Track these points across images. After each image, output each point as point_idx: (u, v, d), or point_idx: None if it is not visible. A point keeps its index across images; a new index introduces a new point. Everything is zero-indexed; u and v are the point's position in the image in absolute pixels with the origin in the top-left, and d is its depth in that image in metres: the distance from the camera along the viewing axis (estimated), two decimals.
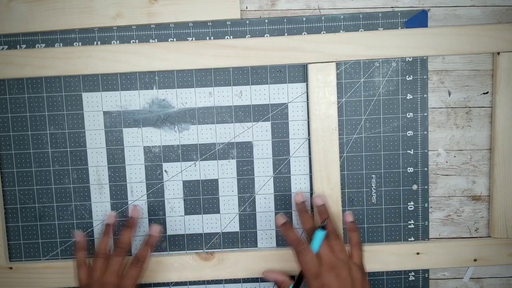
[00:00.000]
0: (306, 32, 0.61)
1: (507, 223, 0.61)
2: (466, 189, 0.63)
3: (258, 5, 0.61)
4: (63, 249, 0.63)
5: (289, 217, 0.63)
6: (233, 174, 0.62)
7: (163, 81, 0.61)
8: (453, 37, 0.59)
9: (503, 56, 0.59)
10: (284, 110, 0.62)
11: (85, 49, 0.60)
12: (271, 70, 0.61)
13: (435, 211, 0.63)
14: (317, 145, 0.60)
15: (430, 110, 0.62)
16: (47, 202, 0.62)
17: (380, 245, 0.62)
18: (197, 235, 0.63)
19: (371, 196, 0.63)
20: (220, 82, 0.61)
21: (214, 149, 0.62)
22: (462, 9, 0.61)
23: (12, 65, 0.60)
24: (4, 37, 0.60)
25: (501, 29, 0.59)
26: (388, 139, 0.62)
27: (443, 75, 0.62)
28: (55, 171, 0.62)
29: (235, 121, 0.62)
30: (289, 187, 0.63)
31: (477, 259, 0.62)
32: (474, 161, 0.63)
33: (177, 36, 0.61)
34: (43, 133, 0.62)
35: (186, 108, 0.62)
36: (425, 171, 0.62)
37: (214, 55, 0.60)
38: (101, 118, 0.62)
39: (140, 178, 0.62)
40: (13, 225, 0.63)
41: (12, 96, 0.61)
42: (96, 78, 0.61)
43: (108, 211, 0.63)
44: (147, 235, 0.60)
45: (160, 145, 0.62)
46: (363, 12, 0.61)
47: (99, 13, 0.60)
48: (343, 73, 0.61)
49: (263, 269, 0.62)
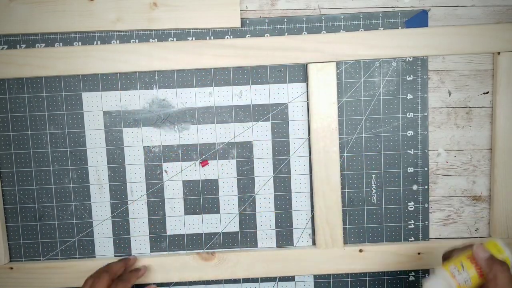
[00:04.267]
0: (306, 32, 0.61)
1: (507, 223, 0.61)
2: (467, 189, 0.63)
3: (258, 5, 0.61)
4: (63, 249, 0.63)
5: (289, 217, 0.63)
6: (233, 174, 0.62)
7: (163, 81, 0.61)
8: (453, 37, 0.59)
9: (503, 56, 0.59)
10: (284, 110, 0.62)
11: (85, 49, 0.60)
12: (271, 70, 0.61)
13: (436, 211, 0.63)
14: (317, 145, 0.60)
15: (430, 110, 0.62)
16: (47, 202, 0.62)
17: (381, 245, 0.62)
18: (197, 235, 0.63)
19: (371, 196, 0.62)
20: (220, 82, 0.61)
21: (214, 149, 0.62)
22: (462, 9, 0.61)
23: (12, 65, 0.60)
24: (4, 37, 0.60)
25: (501, 29, 0.59)
26: (388, 139, 0.62)
27: (444, 75, 0.62)
28: (55, 171, 0.62)
29: (235, 121, 0.62)
30: (289, 187, 0.62)
31: None
32: (475, 161, 0.62)
33: (177, 36, 0.61)
34: (43, 133, 0.62)
35: (186, 108, 0.62)
36: (425, 171, 0.62)
37: (214, 55, 0.59)
38: (101, 118, 0.62)
39: (140, 178, 0.62)
40: (13, 225, 0.63)
41: (12, 96, 0.61)
42: (96, 78, 0.61)
43: (108, 211, 0.62)
44: (140, 268, 0.60)
45: (160, 145, 0.62)
46: (363, 12, 0.61)
47: (99, 17, 0.59)
48: (343, 73, 0.61)
49: (263, 269, 0.62)
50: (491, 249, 0.50)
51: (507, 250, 0.49)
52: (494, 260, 0.48)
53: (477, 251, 0.49)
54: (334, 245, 0.61)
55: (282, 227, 0.63)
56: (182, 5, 0.59)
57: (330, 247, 0.61)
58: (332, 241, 0.61)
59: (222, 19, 0.59)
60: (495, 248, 0.50)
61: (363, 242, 0.63)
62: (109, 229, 0.63)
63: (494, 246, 0.50)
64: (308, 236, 0.63)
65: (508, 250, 0.49)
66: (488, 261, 0.48)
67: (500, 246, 0.50)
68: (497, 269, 0.47)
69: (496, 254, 0.49)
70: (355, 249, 0.62)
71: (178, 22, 0.60)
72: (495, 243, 0.50)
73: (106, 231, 0.63)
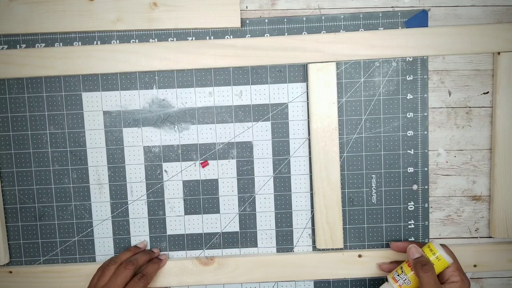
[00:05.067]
0: (306, 31, 0.61)
1: (507, 223, 0.61)
2: (466, 189, 0.63)
3: (258, 5, 0.61)
4: (63, 249, 0.63)
5: (289, 217, 0.63)
6: (233, 174, 0.62)
7: (163, 81, 0.61)
8: (453, 37, 0.59)
9: (503, 56, 0.59)
10: (284, 110, 0.62)
11: (85, 49, 0.60)
12: (271, 70, 0.61)
13: (435, 211, 0.63)
14: (317, 145, 0.60)
15: (430, 110, 0.62)
16: (46, 202, 0.62)
17: (380, 251, 0.62)
18: (197, 235, 0.63)
19: (371, 196, 0.62)
20: (220, 82, 0.61)
21: (214, 149, 0.62)
22: (463, 9, 0.61)
23: (12, 65, 0.60)
24: (4, 37, 0.60)
25: (501, 29, 0.59)
26: (388, 139, 0.62)
27: (444, 75, 0.62)
28: (55, 171, 0.62)
29: (235, 121, 0.62)
30: (289, 187, 0.62)
31: (477, 265, 0.62)
32: (475, 161, 0.62)
33: (177, 36, 0.61)
34: (43, 133, 0.62)
35: (186, 108, 0.62)
36: (425, 171, 0.62)
37: (214, 55, 0.59)
38: (101, 118, 0.62)
39: (140, 178, 0.62)
40: (13, 225, 0.63)
41: (12, 96, 0.61)
42: (96, 77, 0.61)
43: (108, 211, 0.62)
44: (161, 256, 0.62)
45: (160, 145, 0.62)
46: (363, 11, 0.61)
47: (99, 16, 0.59)
48: (343, 73, 0.61)
49: (262, 274, 0.62)
50: (426, 251, 0.55)
51: (440, 250, 0.55)
52: (418, 261, 0.54)
53: (408, 253, 0.56)
54: (334, 245, 0.61)
55: (282, 227, 0.63)
56: (182, 5, 0.59)
57: (330, 247, 0.61)
58: (332, 241, 0.61)
59: (222, 19, 0.59)
60: (428, 248, 0.55)
61: (363, 242, 0.63)
62: (109, 229, 0.63)
63: (428, 247, 0.56)
64: (308, 236, 0.63)
65: (442, 250, 0.55)
66: (414, 263, 0.54)
67: (433, 246, 0.55)
68: (419, 270, 0.53)
69: (429, 254, 0.55)
70: (354, 254, 0.62)
71: (178, 22, 0.60)
72: (430, 244, 0.56)
73: (106, 231, 0.63)
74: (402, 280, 0.56)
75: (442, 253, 0.54)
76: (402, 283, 0.56)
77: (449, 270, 0.55)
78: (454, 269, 0.55)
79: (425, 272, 0.53)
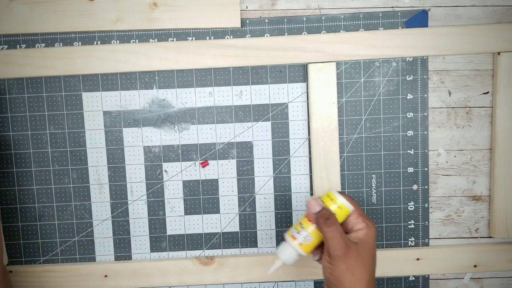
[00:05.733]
0: (306, 32, 0.61)
1: (507, 223, 0.61)
2: (467, 189, 0.63)
3: (258, 5, 0.61)
4: (63, 249, 0.63)
5: (288, 217, 0.63)
6: (233, 174, 0.62)
7: (163, 81, 0.61)
8: (453, 37, 0.59)
9: (503, 56, 0.59)
10: (284, 110, 0.62)
11: (85, 49, 0.60)
12: (271, 70, 0.61)
13: (435, 211, 0.63)
14: (317, 145, 0.60)
15: (430, 110, 0.62)
16: (46, 202, 0.62)
17: (380, 251, 0.62)
18: (197, 235, 0.63)
19: (371, 196, 0.62)
20: (220, 82, 0.61)
21: (214, 149, 0.62)
22: (462, 9, 0.61)
23: (12, 65, 0.60)
24: (4, 37, 0.60)
25: (501, 29, 0.59)
26: (388, 139, 0.62)
27: (444, 75, 0.62)
28: (54, 171, 0.62)
29: (235, 121, 0.62)
30: (289, 187, 0.62)
31: (477, 265, 0.62)
32: (475, 161, 0.62)
33: (177, 36, 0.61)
34: (43, 133, 0.62)
35: (186, 108, 0.62)
36: (425, 171, 0.62)
37: (214, 55, 0.59)
38: (101, 118, 0.62)
39: (140, 178, 0.62)
40: (13, 225, 0.63)
41: (12, 96, 0.61)
42: (96, 78, 0.61)
43: (108, 211, 0.62)
44: None
45: (160, 145, 0.62)
46: (363, 12, 0.61)
47: (99, 16, 0.59)
48: (343, 73, 0.61)
49: (263, 274, 0.62)
50: (326, 201, 0.51)
51: (341, 197, 0.51)
52: (320, 215, 0.49)
53: (308, 207, 0.51)
54: None
55: (282, 227, 0.63)
56: (182, 5, 0.59)
57: None
58: None
59: (222, 19, 0.59)
60: (328, 198, 0.51)
61: None
62: (109, 229, 0.63)
63: (328, 196, 0.51)
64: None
65: (342, 197, 0.51)
66: (316, 218, 0.50)
67: (333, 194, 0.51)
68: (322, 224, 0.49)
69: (330, 204, 0.51)
70: None
71: (178, 22, 0.60)
72: (329, 193, 0.51)
73: (106, 231, 0.63)
74: (302, 237, 0.51)
75: (343, 201, 0.50)
76: (303, 240, 0.51)
77: (352, 218, 0.51)
78: (357, 215, 0.50)
79: (329, 226, 0.48)
